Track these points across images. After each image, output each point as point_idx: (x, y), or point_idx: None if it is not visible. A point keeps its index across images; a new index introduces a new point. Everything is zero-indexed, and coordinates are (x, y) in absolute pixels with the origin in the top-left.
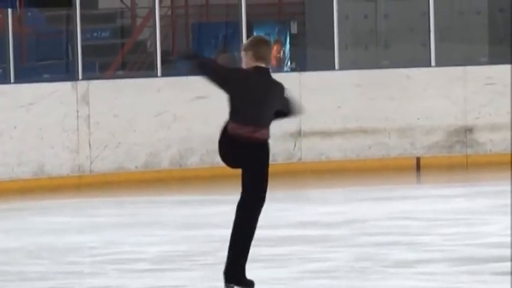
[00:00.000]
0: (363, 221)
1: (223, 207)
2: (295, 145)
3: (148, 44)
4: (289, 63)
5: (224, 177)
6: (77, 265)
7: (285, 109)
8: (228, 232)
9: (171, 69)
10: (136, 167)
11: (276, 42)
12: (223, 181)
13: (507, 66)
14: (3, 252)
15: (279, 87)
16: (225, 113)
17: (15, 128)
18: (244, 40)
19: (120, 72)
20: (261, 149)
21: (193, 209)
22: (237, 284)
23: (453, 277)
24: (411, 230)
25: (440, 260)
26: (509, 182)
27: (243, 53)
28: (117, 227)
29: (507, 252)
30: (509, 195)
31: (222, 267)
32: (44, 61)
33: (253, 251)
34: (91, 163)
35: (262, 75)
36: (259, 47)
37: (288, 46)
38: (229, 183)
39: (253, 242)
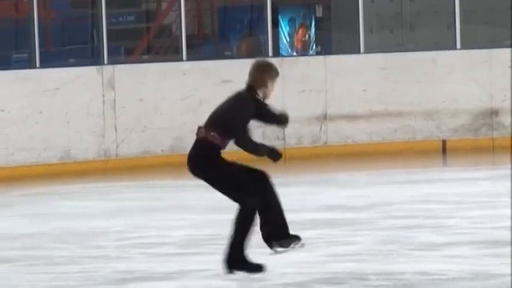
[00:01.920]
0: (389, 204)
1: None
2: (321, 128)
3: (174, 28)
4: (314, 46)
5: (250, 161)
6: (102, 249)
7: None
8: None
9: (196, 53)
10: (162, 151)
11: (301, 25)
12: None
13: None
14: (29, 236)
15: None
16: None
17: (40, 113)
18: (269, 24)
19: (146, 57)
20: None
21: (219, 193)
22: (242, 269)
23: (479, 260)
24: (437, 213)
25: (466, 243)
26: None
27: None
28: (142, 211)
29: None
30: None
31: (247, 250)
32: (69, 46)
33: None
34: (117, 147)
35: None
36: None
37: (313, 30)
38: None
39: None
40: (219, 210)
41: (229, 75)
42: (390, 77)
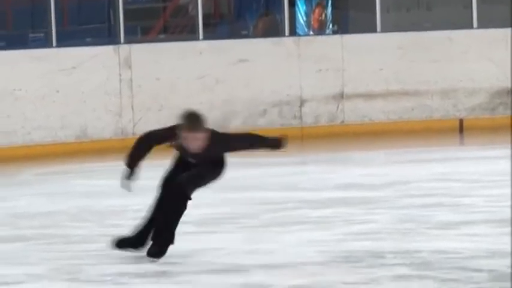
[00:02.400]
0: (406, 183)
1: (265, 170)
2: (337, 107)
3: (190, 7)
4: (331, 26)
5: None
6: (120, 228)
7: None
8: (269, 194)
9: (212, 32)
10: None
11: (318, 5)
12: None
13: None
14: (46, 215)
15: None
16: (266, 76)
17: (57, 91)
18: (286, 3)
19: (162, 36)
20: None
21: (236, 171)
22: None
23: (496, 238)
24: (454, 192)
25: (483, 222)
26: None
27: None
28: None
29: None
30: None
31: (265, 229)
32: (86, 25)
33: (297, 213)
34: (134, 126)
35: None
36: None
37: (330, 9)
38: None
39: (297, 205)
40: (236, 189)
41: (245, 55)
42: (407, 56)
